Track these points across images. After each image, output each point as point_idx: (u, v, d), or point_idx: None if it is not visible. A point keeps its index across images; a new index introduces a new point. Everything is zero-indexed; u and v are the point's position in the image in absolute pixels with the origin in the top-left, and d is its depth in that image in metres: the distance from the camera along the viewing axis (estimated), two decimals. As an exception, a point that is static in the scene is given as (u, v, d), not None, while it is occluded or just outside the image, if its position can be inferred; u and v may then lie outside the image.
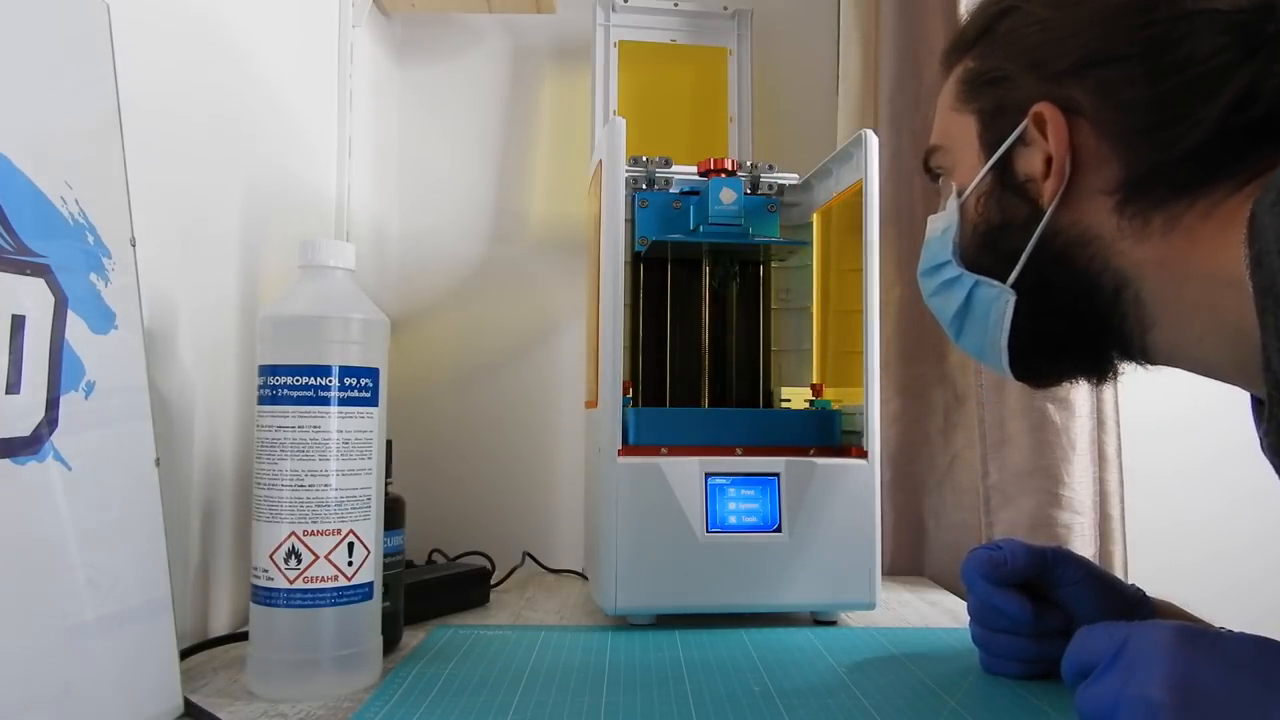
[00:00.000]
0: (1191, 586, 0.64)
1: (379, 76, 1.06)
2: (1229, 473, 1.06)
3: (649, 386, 0.89)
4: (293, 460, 0.53)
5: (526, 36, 1.14)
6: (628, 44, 1.05)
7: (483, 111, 1.14)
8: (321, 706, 0.52)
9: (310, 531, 0.53)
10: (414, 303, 1.11)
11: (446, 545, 0.98)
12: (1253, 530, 1.07)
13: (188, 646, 0.60)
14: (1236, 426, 0.58)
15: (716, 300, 0.90)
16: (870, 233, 0.76)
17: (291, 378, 0.53)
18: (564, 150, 1.13)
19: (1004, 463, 0.92)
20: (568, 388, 1.10)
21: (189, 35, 0.65)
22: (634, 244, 0.86)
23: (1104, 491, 0.94)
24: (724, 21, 1.08)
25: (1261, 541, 1.07)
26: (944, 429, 1.00)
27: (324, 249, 0.56)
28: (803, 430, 0.78)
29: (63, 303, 0.44)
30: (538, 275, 1.12)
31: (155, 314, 0.58)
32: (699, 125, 1.06)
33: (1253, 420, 0.51)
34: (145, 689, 0.47)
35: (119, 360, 0.47)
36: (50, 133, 0.45)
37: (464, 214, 1.13)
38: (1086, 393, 0.90)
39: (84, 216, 0.46)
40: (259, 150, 0.76)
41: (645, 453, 0.74)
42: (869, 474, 0.76)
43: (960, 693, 0.56)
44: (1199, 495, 1.10)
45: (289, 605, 0.53)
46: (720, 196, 0.83)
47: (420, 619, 0.72)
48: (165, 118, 0.61)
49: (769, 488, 0.75)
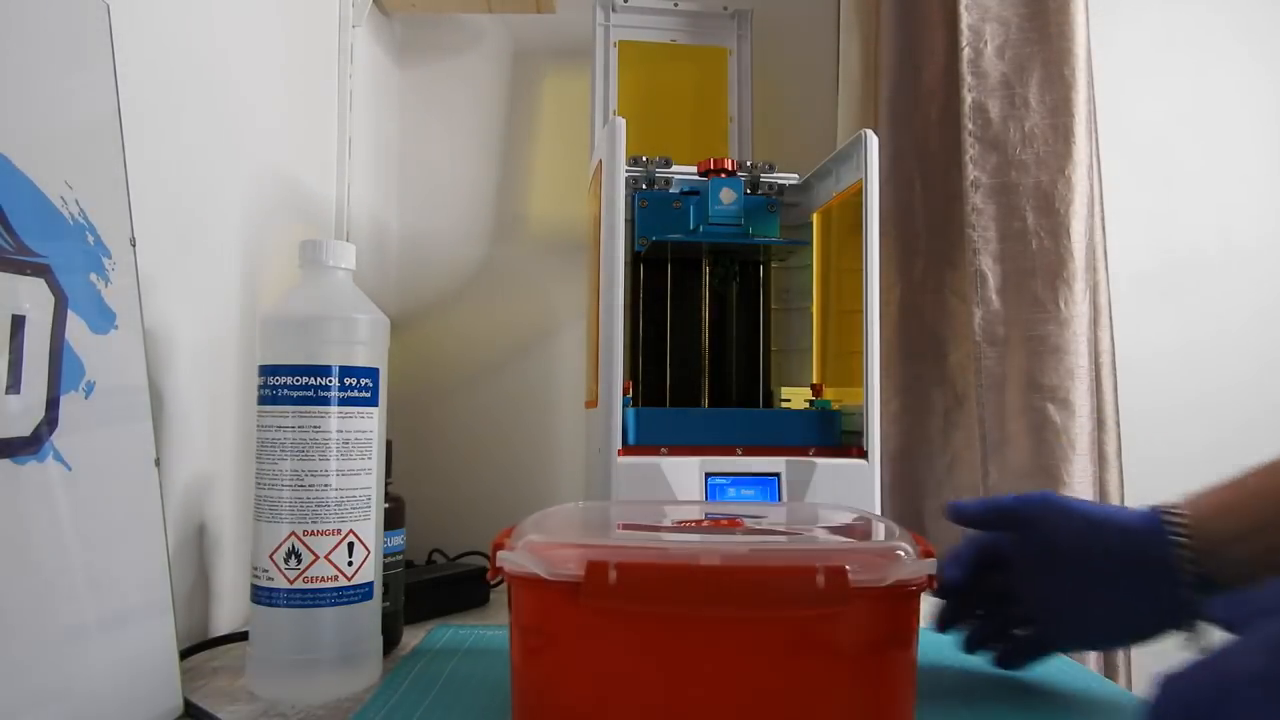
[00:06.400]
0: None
1: (379, 76, 1.06)
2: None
3: (649, 386, 0.89)
4: (293, 460, 0.53)
5: (526, 36, 1.14)
6: (628, 44, 1.05)
7: (483, 111, 1.14)
8: (321, 706, 0.52)
9: (310, 531, 0.53)
10: (414, 303, 1.11)
11: (446, 545, 0.98)
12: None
13: (188, 646, 0.60)
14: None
15: (716, 300, 0.90)
16: (870, 233, 0.76)
17: (291, 378, 0.53)
18: (564, 150, 1.13)
19: (1004, 463, 0.92)
20: (568, 388, 1.10)
21: (189, 35, 0.64)
22: (634, 244, 0.86)
23: (1104, 491, 0.94)
24: (724, 21, 1.08)
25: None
26: (944, 429, 1.00)
27: (324, 249, 0.56)
28: (803, 430, 0.78)
29: (63, 303, 0.44)
30: (538, 275, 1.12)
31: (155, 314, 0.58)
32: (699, 125, 1.06)
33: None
34: (145, 689, 0.46)
35: (119, 360, 0.47)
36: (50, 133, 0.45)
37: (464, 214, 1.13)
38: (1086, 393, 0.90)
39: (84, 216, 0.46)
40: (259, 150, 0.76)
41: (645, 453, 0.74)
42: (869, 474, 0.76)
43: (960, 692, 0.56)
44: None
45: (289, 605, 0.53)
46: (720, 196, 0.83)
47: (420, 619, 0.73)
48: (165, 118, 0.61)
49: (769, 488, 0.75)
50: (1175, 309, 1.15)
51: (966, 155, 0.94)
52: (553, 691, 0.44)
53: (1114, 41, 1.13)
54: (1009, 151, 0.93)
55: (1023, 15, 0.94)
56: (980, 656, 0.59)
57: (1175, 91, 1.17)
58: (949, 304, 1.00)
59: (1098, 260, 0.97)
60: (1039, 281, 0.91)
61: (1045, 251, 0.91)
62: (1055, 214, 0.91)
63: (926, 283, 1.01)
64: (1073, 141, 0.92)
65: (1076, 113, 0.92)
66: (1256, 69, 1.18)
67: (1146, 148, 1.16)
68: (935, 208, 1.01)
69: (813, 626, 0.41)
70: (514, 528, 0.48)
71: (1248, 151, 1.17)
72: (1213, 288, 1.16)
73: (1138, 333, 1.11)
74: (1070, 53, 0.93)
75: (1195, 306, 1.15)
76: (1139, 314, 1.13)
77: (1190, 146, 1.17)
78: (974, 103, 0.94)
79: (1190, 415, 1.13)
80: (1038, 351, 0.91)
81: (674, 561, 0.42)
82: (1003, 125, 0.93)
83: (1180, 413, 1.13)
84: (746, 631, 0.42)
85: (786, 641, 0.42)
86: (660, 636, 0.42)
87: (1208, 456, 1.11)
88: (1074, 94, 0.92)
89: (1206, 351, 1.14)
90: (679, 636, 0.42)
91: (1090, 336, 0.92)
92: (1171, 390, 1.13)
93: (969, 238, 0.93)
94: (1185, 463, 1.13)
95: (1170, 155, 1.17)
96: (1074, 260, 0.91)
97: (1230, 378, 1.14)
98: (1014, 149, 0.93)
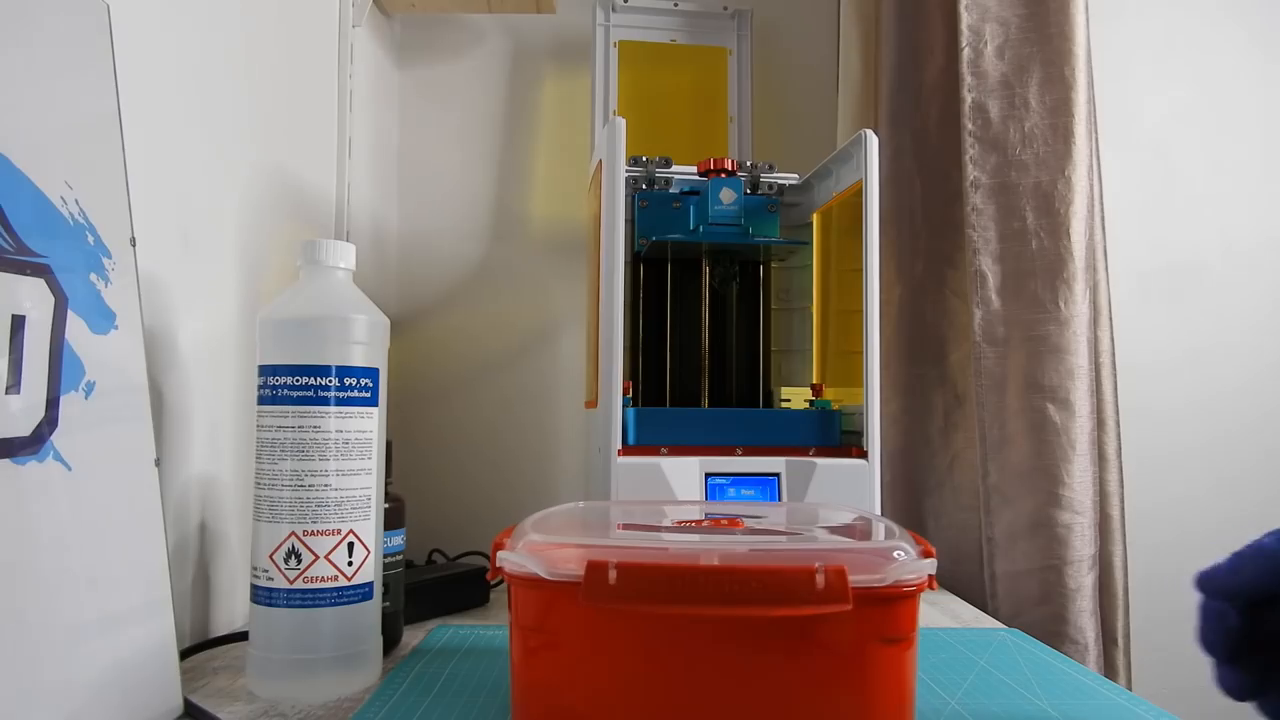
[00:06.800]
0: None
1: (379, 76, 1.06)
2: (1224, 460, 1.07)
3: (649, 386, 0.89)
4: (292, 460, 0.53)
5: (526, 36, 1.14)
6: (628, 44, 1.05)
7: (483, 112, 1.14)
8: (321, 706, 0.52)
9: (310, 531, 0.53)
10: (414, 303, 1.11)
11: (446, 545, 0.98)
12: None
13: (188, 646, 0.61)
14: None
15: (716, 300, 0.90)
16: (870, 233, 0.76)
17: (291, 378, 0.53)
18: (564, 150, 1.13)
19: (1004, 463, 0.92)
20: (568, 388, 1.10)
21: (189, 35, 0.64)
22: (634, 244, 0.86)
23: (1104, 491, 0.94)
24: (724, 21, 1.08)
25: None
26: (944, 429, 1.00)
27: (324, 249, 0.56)
28: (803, 430, 0.78)
29: (63, 303, 0.44)
30: (538, 275, 1.12)
31: (155, 314, 0.58)
32: (699, 125, 1.06)
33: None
34: (145, 689, 0.46)
35: (119, 360, 0.47)
36: (50, 133, 0.45)
37: (464, 214, 1.13)
38: (1086, 393, 0.90)
39: (84, 216, 0.46)
40: (259, 150, 0.76)
41: (645, 453, 0.74)
42: (869, 474, 0.76)
43: (960, 692, 0.56)
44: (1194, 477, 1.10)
45: (289, 605, 0.53)
46: (720, 196, 0.83)
47: (420, 619, 0.73)
48: (165, 118, 0.61)
49: (769, 488, 0.75)
50: (1175, 309, 1.15)
51: (966, 155, 0.94)
52: (553, 691, 0.44)
53: (1114, 41, 1.13)
54: (1009, 151, 0.93)
55: (1023, 15, 0.94)
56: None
57: (1175, 91, 1.17)
58: (949, 304, 1.00)
59: (1098, 260, 0.97)
60: (1039, 281, 0.91)
61: (1045, 251, 0.91)
62: (1055, 214, 0.91)
63: (926, 283, 1.01)
64: (1073, 141, 0.92)
65: (1076, 113, 0.92)
66: (1257, 69, 1.18)
67: (1146, 148, 1.16)
68: (935, 208, 1.00)
69: (813, 626, 0.41)
70: (514, 528, 0.48)
71: (1248, 151, 1.17)
72: (1213, 287, 1.16)
73: (1138, 333, 1.11)
74: (1070, 53, 0.93)
75: (1195, 306, 1.15)
76: (1139, 314, 1.13)
77: (1190, 146, 1.17)
78: (974, 103, 0.94)
79: (1190, 415, 1.13)
80: (1038, 351, 0.91)
81: (674, 561, 0.42)
82: (1003, 125, 0.93)
83: (1180, 413, 1.13)
84: (746, 631, 0.42)
85: (786, 641, 0.42)
86: (660, 636, 0.42)
87: (1208, 456, 1.12)
88: (1074, 94, 0.92)
89: (1206, 351, 1.14)
90: (679, 636, 0.42)
91: (1090, 336, 0.92)
92: (1171, 390, 1.13)
93: (969, 238, 0.93)
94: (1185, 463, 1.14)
95: (1170, 155, 1.17)
96: (1074, 260, 0.91)
97: (1230, 378, 1.14)
98: (1014, 149, 0.93)
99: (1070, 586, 0.88)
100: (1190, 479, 1.11)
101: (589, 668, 0.43)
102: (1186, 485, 1.10)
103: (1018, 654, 0.65)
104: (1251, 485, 1.11)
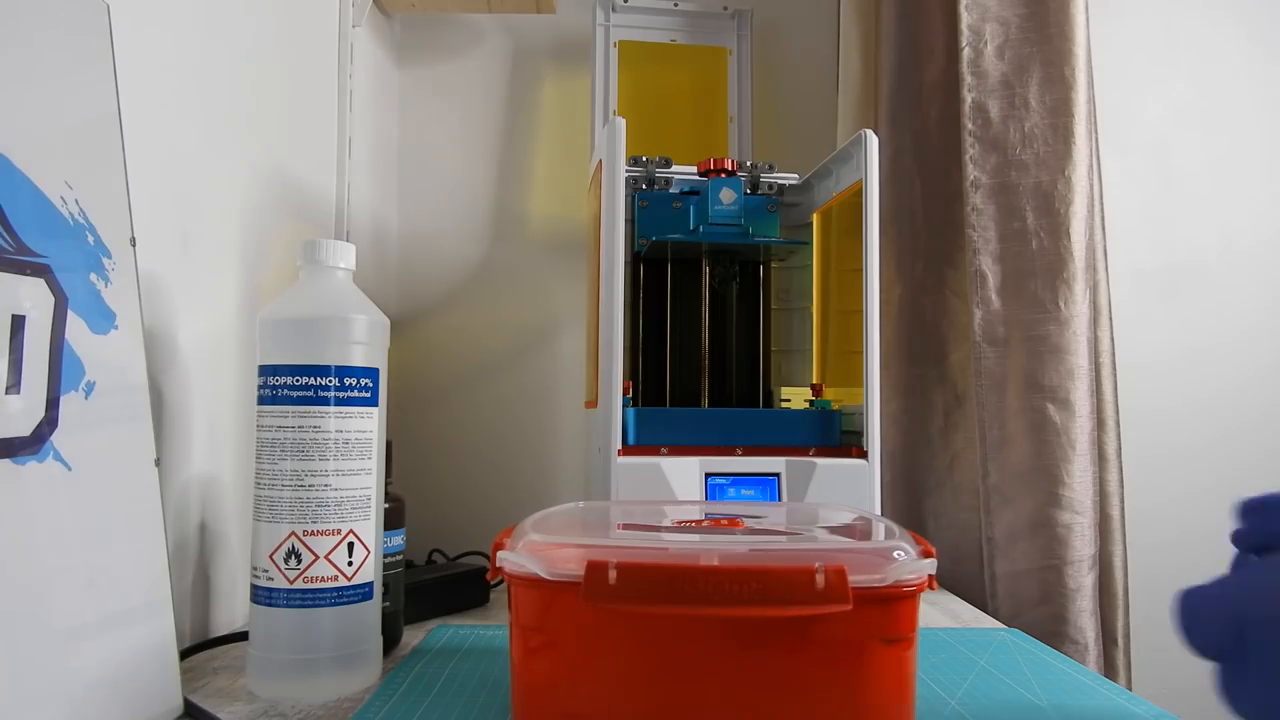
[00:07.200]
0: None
1: (379, 76, 1.06)
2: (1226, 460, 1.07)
3: (649, 386, 0.89)
4: (292, 460, 0.53)
5: (526, 36, 1.14)
6: (628, 44, 1.05)
7: (483, 112, 1.14)
8: (321, 706, 0.52)
9: (310, 531, 0.53)
10: (414, 303, 1.11)
11: (446, 545, 0.98)
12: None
13: (188, 646, 0.61)
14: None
15: (716, 300, 0.90)
16: (870, 233, 0.76)
17: (291, 378, 0.53)
18: (564, 150, 1.13)
19: (1004, 463, 0.92)
20: (568, 388, 1.10)
21: (189, 35, 0.64)
22: (634, 244, 0.86)
23: (1104, 491, 0.94)
24: (724, 21, 1.08)
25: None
26: (944, 429, 1.00)
27: (324, 249, 0.56)
28: (803, 430, 0.78)
29: (63, 303, 0.44)
30: (538, 275, 1.12)
31: (155, 314, 0.58)
32: (699, 125, 1.06)
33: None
34: (145, 689, 0.46)
35: (119, 360, 0.47)
36: (50, 133, 0.45)
37: (464, 214, 1.13)
38: (1086, 393, 0.90)
39: (84, 216, 0.46)
40: (259, 150, 0.76)
41: (645, 453, 0.74)
42: (869, 474, 0.76)
43: (960, 692, 0.56)
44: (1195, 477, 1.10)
45: (289, 605, 0.53)
46: (720, 196, 0.83)
47: (420, 619, 0.73)
48: (165, 118, 0.61)
49: (769, 488, 0.75)
50: (1175, 309, 1.15)
51: (966, 155, 0.94)
52: (553, 691, 0.43)
53: (1114, 41, 1.13)
54: (1009, 151, 0.93)
55: (1023, 15, 0.94)
56: None
57: (1175, 91, 1.17)
58: (949, 304, 1.00)
59: (1098, 260, 0.97)
60: (1039, 281, 0.91)
61: (1045, 251, 0.91)
62: (1055, 214, 0.91)
63: (926, 283, 1.01)
64: (1073, 141, 0.92)
65: (1076, 113, 0.92)
66: (1257, 68, 1.18)
67: (1146, 148, 1.16)
68: (935, 208, 1.00)
69: (813, 626, 0.41)
70: (514, 528, 0.48)
71: (1248, 151, 1.17)
72: (1213, 287, 1.16)
73: (1138, 333, 1.11)
74: (1070, 53, 0.93)
75: (1195, 306, 1.15)
76: (1139, 314, 1.13)
77: (1190, 146, 1.17)
78: (974, 103, 0.94)
79: (1190, 415, 1.13)
80: (1038, 351, 0.91)
81: (674, 561, 0.42)
82: (1003, 125, 0.93)
83: (1180, 413, 1.13)
84: (746, 631, 0.42)
85: (786, 641, 0.42)
86: (660, 636, 0.42)
87: (1208, 456, 1.12)
88: (1074, 94, 0.92)
89: (1207, 351, 1.14)
90: (679, 636, 0.42)
91: (1090, 336, 0.92)
92: (1171, 390, 1.13)
93: (969, 238, 0.93)
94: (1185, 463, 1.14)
95: (1170, 155, 1.17)
96: (1074, 260, 0.91)
97: (1230, 377, 1.14)
98: (1014, 149, 0.93)
99: (1070, 586, 0.88)
100: (1190, 479, 1.11)
101: (589, 668, 0.43)
102: (1186, 485, 1.10)
103: (1018, 654, 0.65)
104: (1251, 485, 1.11)
